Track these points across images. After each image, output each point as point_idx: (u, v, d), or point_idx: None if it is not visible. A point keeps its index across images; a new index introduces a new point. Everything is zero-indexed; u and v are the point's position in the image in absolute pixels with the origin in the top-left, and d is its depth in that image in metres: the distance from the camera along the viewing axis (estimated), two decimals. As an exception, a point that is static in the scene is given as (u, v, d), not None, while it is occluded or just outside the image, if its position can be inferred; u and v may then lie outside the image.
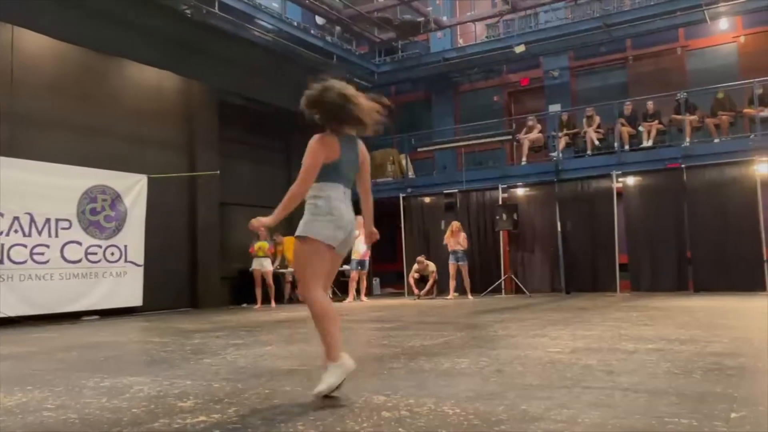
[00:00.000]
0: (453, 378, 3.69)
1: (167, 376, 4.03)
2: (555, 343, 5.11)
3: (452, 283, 12.46)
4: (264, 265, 11.93)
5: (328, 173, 3.47)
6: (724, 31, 13.24)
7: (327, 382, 3.12)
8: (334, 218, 3.48)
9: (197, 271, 12.19)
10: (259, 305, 11.74)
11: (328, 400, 3.12)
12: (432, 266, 12.97)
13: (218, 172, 12.27)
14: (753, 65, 12.58)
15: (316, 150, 3.44)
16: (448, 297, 12.35)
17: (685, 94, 12.38)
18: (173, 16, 10.99)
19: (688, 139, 12.02)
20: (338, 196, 3.50)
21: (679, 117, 12.27)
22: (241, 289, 12.52)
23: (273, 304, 11.87)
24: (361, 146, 3.66)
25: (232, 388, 3.53)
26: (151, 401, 3.26)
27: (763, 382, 3.43)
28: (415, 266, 13.14)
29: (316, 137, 3.48)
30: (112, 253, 10.43)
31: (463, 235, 12.41)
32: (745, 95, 12.06)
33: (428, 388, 3.39)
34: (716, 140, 11.96)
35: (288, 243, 13.12)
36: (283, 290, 13.45)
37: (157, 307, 10.94)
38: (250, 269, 12.00)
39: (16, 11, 9.11)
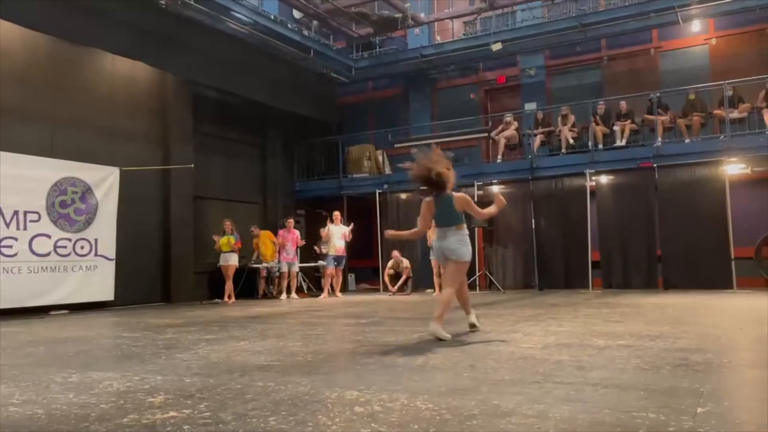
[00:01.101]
0: (426, 373, 3.70)
1: (138, 372, 3.97)
2: (527, 338, 5.16)
3: (437, 280, 12.48)
4: (227, 260, 11.82)
5: (435, 221, 5.64)
6: (697, 33, 13.46)
7: (432, 328, 5.12)
8: (432, 248, 6.32)
9: (170, 266, 12.05)
10: (231, 300, 11.73)
11: (299, 397, 3.11)
12: (406, 262, 13.00)
13: (192, 165, 12.14)
14: (724, 67, 12.83)
15: (423, 210, 5.69)
16: (428, 291, 12.42)
17: (657, 94, 12.57)
18: (147, 6, 10.83)
19: (659, 139, 12.21)
20: (438, 234, 5.62)
21: (651, 117, 12.46)
22: (215, 284, 12.41)
23: (227, 300, 11.76)
24: (456, 196, 5.51)
25: (203, 384, 3.49)
26: (120, 397, 3.21)
27: (729, 378, 3.51)
28: (390, 262, 13.16)
29: (424, 201, 5.69)
30: (82, 247, 10.27)
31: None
32: (716, 97, 12.29)
33: (401, 383, 3.40)
34: (687, 140, 12.17)
35: (264, 237, 13.05)
36: (257, 285, 13.37)
37: (128, 302, 10.79)
38: (218, 265, 11.93)
39: (-15, -2, 8.89)
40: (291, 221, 13.05)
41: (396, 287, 12.82)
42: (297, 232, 12.94)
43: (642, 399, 2.88)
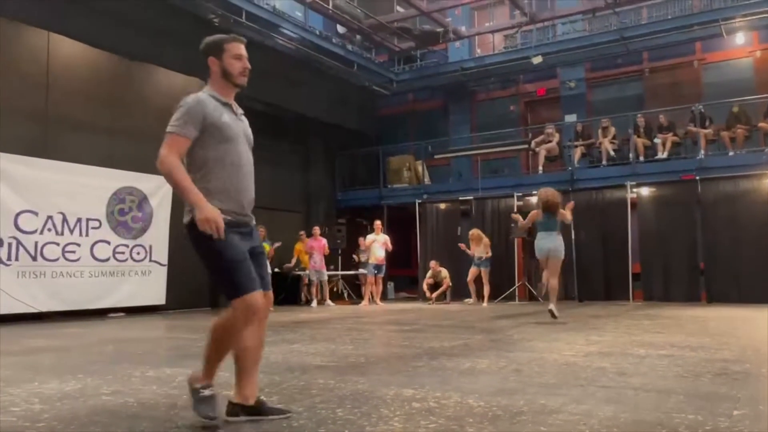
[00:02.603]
0: (474, 376, 3.94)
1: (206, 369, 4.30)
2: (569, 347, 5.35)
3: (472, 287, 12.68)
4: None
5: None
6: (740, 46, 13.39)
7: (551, 307, 7.67)
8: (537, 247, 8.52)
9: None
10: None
11: (360, 393, 3.39)
12: (444, 272, 13.21)
13: (240, 175, 12.59)
14: (768, 80, 12.75)
15: (531, 215, 8.55)
16: (467, 301, 12.63)
17: (700, 106, 12.55)
18: (201, 24, 11.35)
19: (702, 152, 12.18)
20: (540, 236, 8.36)
21: (694, 129, 12.44)
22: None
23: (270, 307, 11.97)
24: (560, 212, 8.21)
25: (269, 380, 3.80)
26: (197, 389, 3.53)
27: (766, 386, 3.66)
28: (429, 272, 13.40)
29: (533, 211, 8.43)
30: (138, 253, 10.78)
31: (485, 241, 12.62)
32: (760, 109, 12.21)
33: (452, 384, 3.65)
34: (731, 153, 12.12)
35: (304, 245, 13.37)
36: (301, 292, 13.65)
37: (178, 306, 11.26)
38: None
39: (52, 19, 9.52)
40: (317, 229, 13.10)
41: (435, 296, 13.04)
42: (324, 240, 13.07)
43: (681, 402, 3.08)
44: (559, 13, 14.56)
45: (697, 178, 11.93)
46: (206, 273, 3.03)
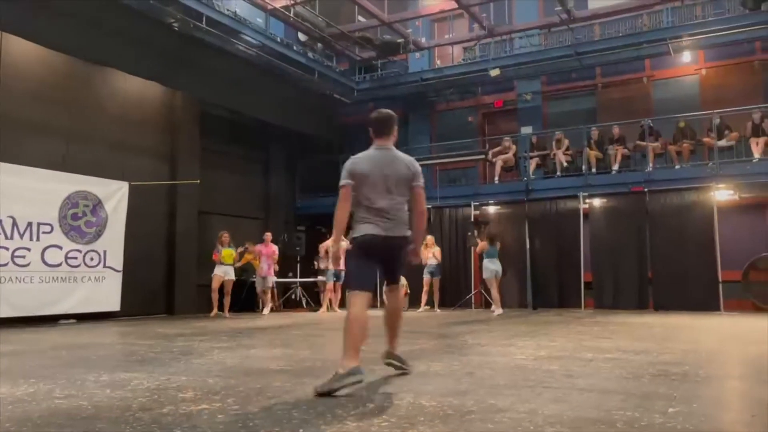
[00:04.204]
0: (428, 378, 4.06)
1: (162, 373, 4.31)
2: (521, 351, 5.52)
3: (424, 297, 12.87)
4: (228, 273, 11.89)
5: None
6: (687, 64, 13.97)
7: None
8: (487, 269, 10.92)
9: (174, 279, 12.38)
10: (214, 313, 11.63)
11: (316, 395, 3.46)
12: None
13: (198, 181, 12.53)
14: (713, 97, 13.33)
15: (481, 246, 10.84)
16: (420, 309, 12.73)
17: (649, 121, 13.05)
18: (160, 28, 11.29)
19: (651, 165, 12.66)
20: (491, 261, 10.71)
21: (643, 143, 12.92)
22: (218, 298, 12.67)
23: (227, 313, 11.69)
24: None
25: (226, 383, 3.84)
26: (153, 393, 3.55)
27: (701, 386, 3.87)
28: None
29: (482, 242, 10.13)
30: (92, 258, 10.59)
31: (437, 249, 12.90)
32: (705, 125, 12.76)
33: (406, 385, 3.75)
34: (677, 167, 12.62)
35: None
36: (256, 299, 13.49)
37: (133, 313, 11.09)
38: (212, 274, 11.87)
39: (6, 18, 9.31)
40: (268, 235, 12.97)
41: (393, 303, 13.13)
42: (274, 247, 12.97)
43: (621, 401, 3.25)
44: (517, 27, 14.95)
45: (646, 190, 12.39)
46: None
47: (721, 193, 12.16)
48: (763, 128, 11.89)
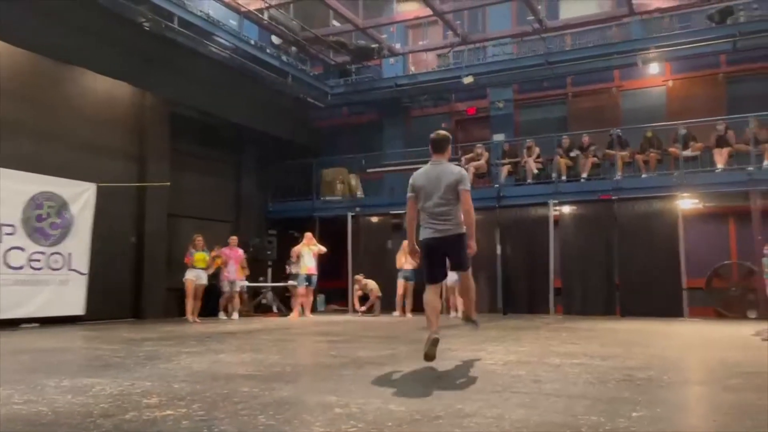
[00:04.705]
0: (398, 383, 4.05)
1: (126, 378, 4.23)
2: (491, 356, 5.55)
3: (399, 302, 12.87)
4: (201, 277, 11.72)
5: None
6: (655, 75, 14.27)
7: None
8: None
9: (142, 282, 12.17)
10: (191, 317, 11.43)
11: (283, 400, 3.43)
12: (372, 284, 13.32)
13: (168, 183, 12.36)
14: (679, 108, 13.63)
15: None
16: (395, 314, 12.74)
17: (618, 131, 13.28)
18: (132, 28, 11.12)
19: (619, 173, 12.88)
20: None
21: (612, 152, 13.14)
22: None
23: (197, 318, 11.48)
24: None
25: (192, 389, 3.78)
26: (116, 398, 3.48)
27: (665, 391, 3.94)
28: (355, 285, 13.50)
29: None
30: (56, 261, 10.35)
31: None
32: (671, 135, 13.03)
33: (375, 390, 3.74)
34: (644, 175, 12.85)
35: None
36: (218, 304, 13.22)
37: (99, 317, 10.86)
38: (184, 278, 11.68)
39: (-29, 14, 9.09)
40: (234, 239, 12.83)
41: (364, 308, 13.13)
42: (240, 251, 12.84)
43: (587, 406, 3.28)
44: (490, 35, 15.13)
45: (614, 198, 12.60)
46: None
47: (686, 202, 12.42)
48: (726, 139, 12.19)
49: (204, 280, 11.82)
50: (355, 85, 16.39)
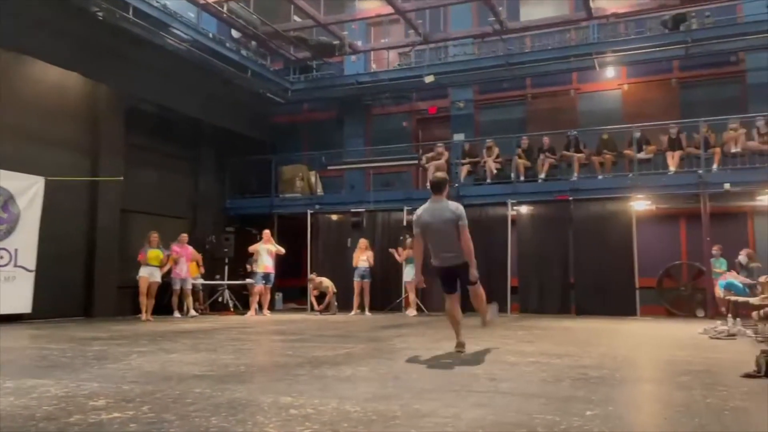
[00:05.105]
0: (354, 383, 4.01)
1: (72, 379, 4.07)
2: (448, 355, 5.56)
3: (356, 300, 12.83)
4: (154, 275, 11.42)
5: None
6: (611, 79, 14.57)
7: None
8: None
9: (93, 279, 11.81)
10: (144, 316, 11.13)
11: (237, 401, 3.35)
12: (327, 282, 13.24)
13: (121, 177, 12.02)
14: (634, 111, 13.96)
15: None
16: (351, 313, 12.68)
17: (575, 132, 13.52)
18: (84, 17, 10.76)
19: (576, 174, 13.11)
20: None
21: (569, 153, 13.37)
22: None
23: (150, 317, 11.17)
24: None
25: (142, 390, 3.66)
26: (60, 400, 3.34)
27: (617, 389, 4.01)
28: (310, 285, 13.40)
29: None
30: (1, 257, 9.95)
31: (369, 253, 12.91)
32: (626, 138, 13.33)
33: (331, 390, 3.69)
34: (600, 177, 13.12)
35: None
36: (171, 301, 12.88)
37: (47, 315, 10.50)
38: (137, 276, 11.38)
39: None
40: (185, 236, 12.52)
41: (321, 307, 13.05)
42: (191, 248, 12.54)
43: (542, 405, 3.30)
44: (451, 35, 15.20)
45: (570, 198, 12.82)
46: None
47: (639, 204, 12.73)
48: (678, 142, 12.54)
49: (158, 277, 11.52)
50: (316, 82, 16.27)
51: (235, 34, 14.85)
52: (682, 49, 13.10)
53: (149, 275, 11.38)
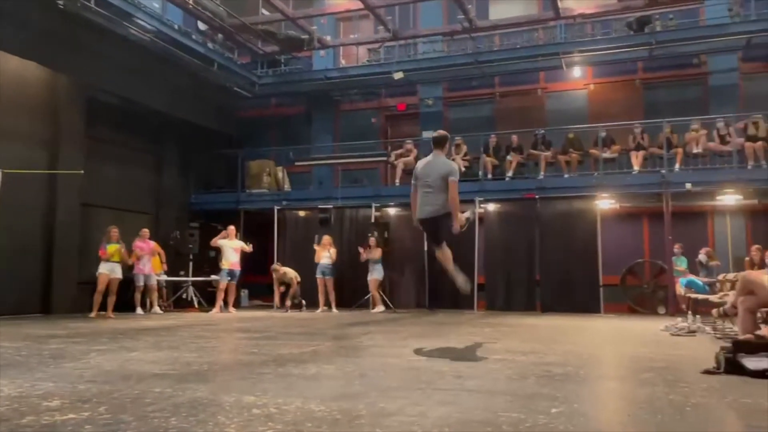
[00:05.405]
0: (319, 381, 3.95)
1: (27, 379, 3.92)
2: (415, 352, 5.54)
3: (321, 297, 12.76)
4: (115, 272, 11.10)
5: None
6: (578, 79, 14.78)
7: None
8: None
9: (51, 275, 11.48)
10: (95, 313, 10.77)
11: (198, 401, 3.26)
12: (291, 273, 13.12)
13: (82, 171, 11.71)
14: (599, 111, 14.17)
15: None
16: (318, 311, 12.59)
17: (542, 131, 13.66)
18: (45, 6, 10.44)
19: (542, 173, 13.24)
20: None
21: (536, 152, 13.50)
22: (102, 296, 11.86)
23: (111, 314, 10.87)
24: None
25: (99, 390, 3.54)
26: (13, 401, 3.21)
27: (582, 386, 4.03)
28: (274, 275, 13.23)
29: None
30: (-45, 252, 9.61)
31: (332, 250, 12.84)
32: (592, 137, 13.53)
33: (296, 389, 3.63)
34: (566, 176, 13.28)
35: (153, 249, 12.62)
36: (134, 298, 12.60)
37: (2, 312, 10.13)
38: (97, 273, 11.04)
39: None
40: (146, 231, 12.29)
41: (288, 302, 12.93)
42: (153, 243, 12.34)
43: (508, 402, 3.30)
44: (421, 32, 15.20)
45: (537, 197, 12.96)
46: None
47: (604, 202, 12.93)
48: (641, 143, 12.77)
49: (118, 273, 11.21)
50: (284, 76, 16.11)
51: (201, 26, 14.60)
52: (646, 51, 13.35)
53: (110, 272, 11.07)
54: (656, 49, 13.20)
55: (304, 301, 13.09)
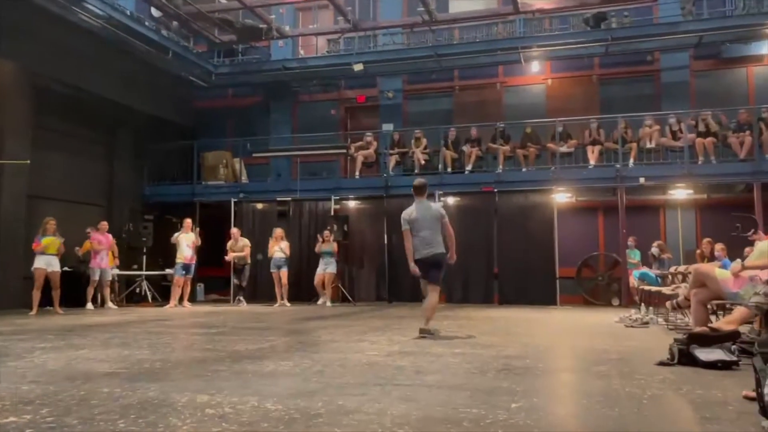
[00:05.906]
0: (276, 378, 3.86)
1: (-36, 380, 3.72)
2: (374, 347, 5.49)
3: (278, 291, 12.60)
4: (52, 265, 10.54)
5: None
6: (536, 73, 14.91)
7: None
8: None
9: (-5, 270, 11.01)
10: (35, 311, 10.22)
11: (149, 401, 3.14)
12: (244, 241, 12.93)
13: (28, 161, 11.24)
14: (557, 106, 14.34)
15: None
16: (276, 305, 12.42)
17: (502, 125, 13.75)
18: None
19: (501, 167, 13.34)
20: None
21: (494, 146, 13.59)
22: (49, 291, 11.42)
23: (59, 309, 10.46)
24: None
25: (43, 391, 3.38)
26: (-53, 405, 3.02)
27: (540, 379, 4.05)
28: (229, 243, 12.92)
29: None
30: None
31: (285, 243, 12.68)
32: (549, 132, 13.68)
33: (252, 387, 3.53)
34: (524, 169, 13.41)
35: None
36: (86, 292, 12.17)
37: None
38: (33, 268, 10.48)
39: None
40: (105, 224, 11.90)
41: (241, 284, 12.84)
42: (110, 236, 11.96)
43: (468, 398, 3.27)
44: (381, 24, 15.09)
45: (495, 190, 13.05)
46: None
47: (561, 196, 13.12)
48: (597, 138, 12.98)
49: (56, 267, 10.64)
50: (242, 66, 15.80)
51: (155, 12, 14.16)
52: (602, 47, 13.56)
53: (46, 265, 10.46)
54: (612, 45, 13.42)
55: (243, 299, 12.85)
